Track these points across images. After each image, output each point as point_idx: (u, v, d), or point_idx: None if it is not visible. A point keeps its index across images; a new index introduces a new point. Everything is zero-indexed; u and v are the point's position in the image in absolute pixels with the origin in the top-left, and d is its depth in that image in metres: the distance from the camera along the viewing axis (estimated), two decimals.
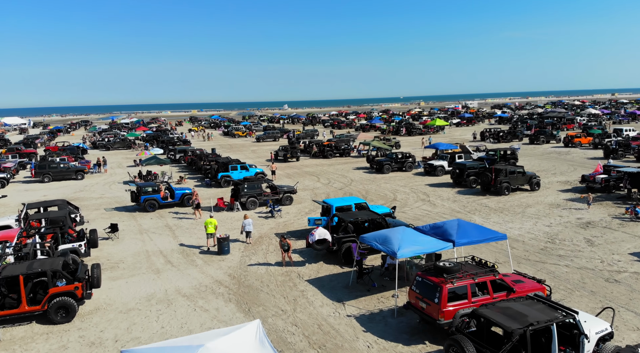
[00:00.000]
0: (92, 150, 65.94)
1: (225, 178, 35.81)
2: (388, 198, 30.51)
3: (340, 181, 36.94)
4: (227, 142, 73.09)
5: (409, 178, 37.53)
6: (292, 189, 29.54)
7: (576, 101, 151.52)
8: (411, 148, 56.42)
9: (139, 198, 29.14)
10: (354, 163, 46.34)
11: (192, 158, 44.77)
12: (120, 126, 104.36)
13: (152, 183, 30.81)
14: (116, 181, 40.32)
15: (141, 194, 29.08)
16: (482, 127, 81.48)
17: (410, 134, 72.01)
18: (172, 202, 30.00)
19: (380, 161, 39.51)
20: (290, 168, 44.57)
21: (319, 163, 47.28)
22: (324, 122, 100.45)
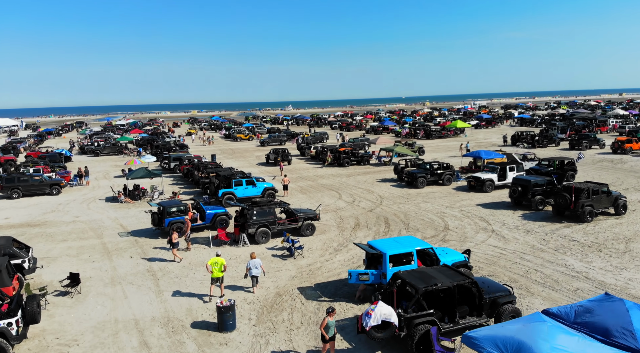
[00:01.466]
0: (80, 156, 58.97)
1: (227, 196, 28.87)
2: (437, 225, 23.56)
3: (367, 198, 29.99)
4: (228, 146, 66.11)
5: (451, 194, 30.57)
6: (313, 215, 22.58)
7: (591, 101, 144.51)
8: (437, 154, 49.47)
9: (162, 221, 23.04)
10: (376, 173, 39.38)
11: (188, 168, 37.83)
12: (116, 128, 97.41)
13: (178, 201, 24.63)
14: (97, 198, 33.36)
15: (165, 216, 22.91)
16: (503, 129, 74.65)
17: (429, 137, 65.07)
18: (203, 225, 23.92)
19: (413, 173, 32.55)
20: (302, 179, 37.60)
21: (335, 173, 40.33)
22: (331, 123, 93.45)
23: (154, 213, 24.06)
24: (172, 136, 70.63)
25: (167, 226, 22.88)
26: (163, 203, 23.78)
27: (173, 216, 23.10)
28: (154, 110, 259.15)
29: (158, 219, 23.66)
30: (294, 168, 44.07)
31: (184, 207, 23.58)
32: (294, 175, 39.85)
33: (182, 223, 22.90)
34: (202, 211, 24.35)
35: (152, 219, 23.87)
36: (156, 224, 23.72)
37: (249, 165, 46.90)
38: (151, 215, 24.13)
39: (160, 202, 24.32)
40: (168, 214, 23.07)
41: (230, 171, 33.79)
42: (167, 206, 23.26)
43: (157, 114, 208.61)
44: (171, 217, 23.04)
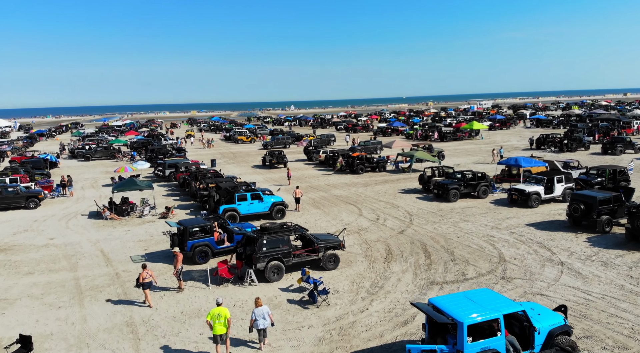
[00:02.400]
0: (70, 161, 54.33)
1: (229, 213, 24.25)
2: (489, 255, 18.97)
3: (393, 215, 25.40)
4: (229, 149, 61.47)
5: (491, 210, 25.98)
6: (336, 243, 17.99)
7: (602, 101, 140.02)
8: (457, 159, 44.88)
9: (183, 244, 19.13)
10: (395, 182, 34.79)
11: (184, 177, 33.21)
12: (111, 129, 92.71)
13: (201, 219, 20.58)
14: (80, 212, 28.76)
15: (187, 238, 18.88)
16: (519, 131, 70.13)
17: (443, 140, 60.47)
18: (230, 247, 19.76)
19: (443, 185, 27.95)
20: (313, 190, 32.99)
21: (349, 181, 35.73)
22: (335, 125, 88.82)
23: (174, 234, 19.86)
24: (169, 138, 66.02)
25: (190, 250, 18.92)
26: (184, 222, 19.72)
27: (196, 238, 19.12)
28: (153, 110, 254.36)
29: (179, 241, 19.47)
30: (301, 175, 39.48)
31: (209, 226, 19.48)
32: (303, 184, 35.25)
33: (208, 247, 19.11)
34: (229, 231, 20.09)
35: (171, 242, 19.79)
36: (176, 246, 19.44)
37: (246, 169, 42.28)
38: (170, 237, 20.00)
39: (181, 221, 20.15)
40: (190, 235, 18.95)
41: (233, 181, 29.20)
42: (189, 225, 19.13)
43: (156, 114, 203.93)
44: (194, 239, 19.05)
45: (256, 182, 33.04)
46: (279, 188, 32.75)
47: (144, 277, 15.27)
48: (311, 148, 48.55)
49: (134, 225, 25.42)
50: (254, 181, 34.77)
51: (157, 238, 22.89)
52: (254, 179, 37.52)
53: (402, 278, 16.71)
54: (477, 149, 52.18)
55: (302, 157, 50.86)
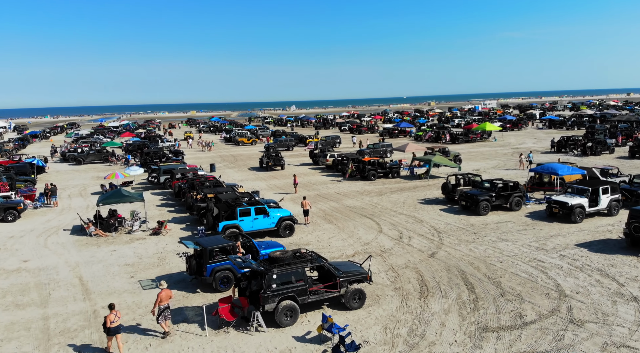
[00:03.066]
0: (60, 164, 50.98)
1: (230, 231, 20.90)
2: (545, 287, 15.61)
3: (419, 232, 22.06)
4: (229, 151, 58.10)
5: (529, 225, 22.63)
6: (361, 275, 14.65)
7: (610, 101, 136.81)
8: (474, 163, 41.55)
9: (202, 268, 16.09)
10: (412, 190, 31.45)
11: (180, 185, 29.87)
12: (107, 130, 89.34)
13: (221, 238, 17.26)
14: (62, 227, 25.43)
15: (207, 260, 15.82)
16: (531, 132, 66.86)
17: (454, 142, 57.14)
18: None
19: (472, 195, 24.61)
20: (322, 199, 29.66)
21: (362, 189, 32.40)
22: (339, 125, 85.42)
23: (190, 256, 16.68)
24: (166, 140, 62.66)
25: (210, 275, 15.82)
26: (203, 242, 16.51)
27: (217, 260, 16.01)
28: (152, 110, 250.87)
29: (197, 265, 16.32)
30: (308, 181, 36.15)
31: (232, 246, 16.38)
32: (311, 192, 31.92)
33: (230, 271, 16.06)
34: (254, 250, 17.12)
35: (187, 265, 16.63)
36: (194, 272, 16.39)
37: (247, 175, 38.92)
38: (186, 260, 16.82)
39: (200, 240, 16.91)
40: (211, 257, 15.84)
41: (234, 191, 25.84)
42: (209, 246, 15.98)
43: (154, 114, 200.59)
44: (215, 262, 15.96)
45: (259, 191, 29.69)
46: (282, 198, 29.43)
47: (111, 320, 12.03)
48: (317, 152, 45.23)
49: (122, 243, 22.07)
50: (257, 189, 31.44)
51: (146, 261, 19.55)
52: (257, 187, 34.19)
53: (445, 322, 13.38)
54: (492, 152, 48.87)
55: (306, 161, 47.53)
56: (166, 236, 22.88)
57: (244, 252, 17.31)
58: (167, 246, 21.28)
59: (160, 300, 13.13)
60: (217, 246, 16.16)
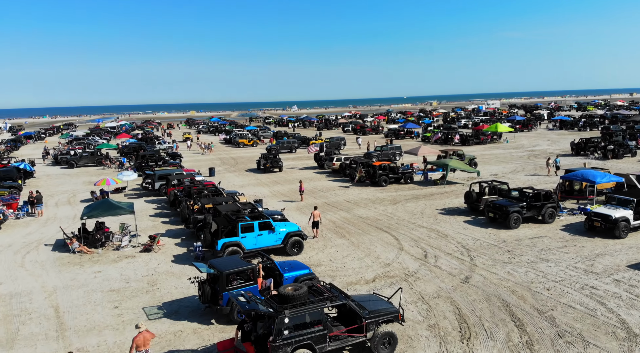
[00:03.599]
0: (52, 168, 48.28)
1: (231, 249, 18.21)
2: (607, 323, 12.92)
3: (445, 249, 19.40)
4: (229, 154, 55.41)
5: (567, 241, 19.97)
6: (391, 314, 11.96)
7: (617, 101, 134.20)
8: (490, 167, 38.87)
9: (218, 296, 13.75)
10: (429, 198, 28.77)
11: (175, 193, 27.17)
12: (104, 131, 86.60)
13: (239, 259, 14.55)
14: (44, 241, 22.75)
15: (224, 286, 13.48)
16: (542, 133, 64.23)
17: (465, 144, 54.48)
18: None
19: (502, 206, 21.93)
20: (332, 208, 26.97)
21: (373, 196, 29.72)
22: (342, 126, 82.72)
23: (204, 282, 14.16)
24: (163, 141, 59.95)
25: (227, 304, 13.33)
26: (218, 264, 13.89)
27: (235, 287, 13.52)
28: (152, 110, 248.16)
29: (211, 292, 13.81)
30: (314, 187, 33.48)
31: (252, 271, 13.88)
32: (318, 200, 29.26)
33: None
34: (277, 274, 14.68)
35: (200, 292, 14.08)
36: (208, 300, 13.84)
37: (249, 179, 36.24)
38: (199, 287, 14.25)
39: (214, 262, 14.21)
40: (228, 284, 13.42)
41: (234, 200, 23.15)
42: (226, 270, 13.41)
43: (154, 114, 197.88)
44: (232, 289, 13.43)
45: (262, 199, 27.01)
46: (284, 208, 26.75)
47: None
48: (322, 154, 42.54)
49: (108, 262, 19.39)
50: (260, 198, 28.77)
51: (134, 285, 16.88)
52: (259, 194, 31.54)
53: None
54: (507, 154, 46.21)
55: (311, 164, 44.87)
56: (158, 254, 20.20)
57: (264, 275, 14.78)
58: (159, 267, 18.60)
59: (135, 346, 10.48)
60: (235, 270, 13.54)
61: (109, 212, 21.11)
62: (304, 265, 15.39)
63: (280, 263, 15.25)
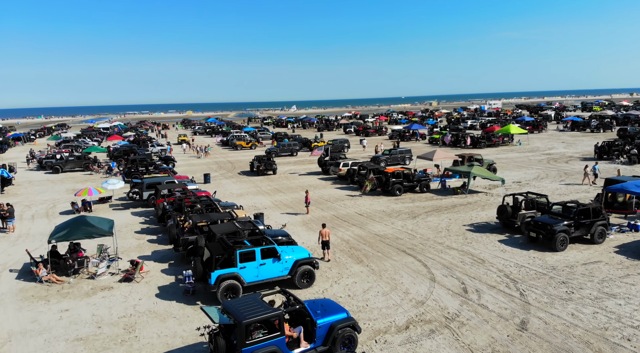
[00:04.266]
0: (36, 172, 44.73)
1: (228, 282, 14.79)
2: None
3: (486, 280, 16.05)
4: (227, 157, 51.96)
5: (627, 267, 16.59)
6: None
7: (623, 101, 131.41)
8: (509, 173, 35.57)
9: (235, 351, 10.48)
10: (452, 211, 25.42)
11: (165, 206, 23.70)
12: (97, 132, 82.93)
13: (259, 300, 11.29)
14: (10, 265, 19.27)
15: (242, 342, 10.16)
16: (553, 135, 61.04)
17: (475, 146, 51.21)
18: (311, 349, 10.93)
19: (545, 225, 18.61)
20: (342, 223, 23.59)
21: (388, 208, 26.36)
22: (344, 127, 79.30)
23: (216, 334, 10.92)
24: (156, 144, 56.41)
25: None
26: (233, 309, 10.67)
27: (257, 340, 10.25)
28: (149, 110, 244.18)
29: (226, 347, 10.48)
30: (320, 196, 30.11)
31: (277, 317, 10.58)
32: (326, 212, 25.90)
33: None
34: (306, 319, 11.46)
35: (212, 346, 10.91)
36: None
37: (256, 190, 32.86)
38: (211, 339, 11.02)
39: (228, 305, 10.90)
40: (248, 337, 10.22)
41: (232, 217, 19.72)
42: (244, 319, 10.19)
43: (150, 115, 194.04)
44: (253, 342, 10.18)
45: (263, 213, 23.60)
46: (284, 224, 23.37)
47: None
48: (327, 159, 39.15)
49: (79, 296, 15.97)
50: (261, 211, 25.38)
51: (107, 331, 13.46)
52: (259, 204, 28.18)
53: None
54: (523, 158, 42.94)
55: (314, 169, 41.51)
56: (141, 284, 16.79)
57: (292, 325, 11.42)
58: (140, 304, 15.18)
59: None
60: (257, 318, 10.18)
61: (82, 233, 17.62)
62: (338, 306, 11.97)
63: (310, 304, 11.81)
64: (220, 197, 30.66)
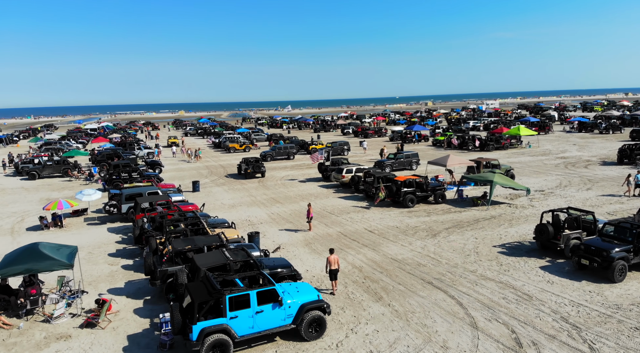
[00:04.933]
0: (12, 178, 40.94)
1: (215, 339, 11.32)
2: None
3: (541, 327, 12.67)
4: (218, 161, 48.39)
5: None
6: None
7: (624, 101, 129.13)
8: (527, 179, 32.32)
9: None
10: (474, 227, 22.07)
11: (143, 225, 20.11)
12: (83, 133, 78.97)
13: None
14: None
15: None
16: (561, 136, 58.06)
17: (483, 149, 48.01)
18: None
19: (599, 250, 15.32)
20: (351, 244, 20.19)
21: (402, 224, 22.98)
22: (342, 128, 75.88)
23: None
24: (144, 147, 52.68)
25: None
26: None
27: None
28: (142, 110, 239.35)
29: None
30: (322, 208, 26.69)
31: None
32: (331, 228, 22.49)
33: None
34: None
35: None
36: None
37: (241, 196, 29.39)
38: None
39: None
40: None
41: (221, 241, 16.16)
42: None
43: (142, 114, 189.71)
44: None
45: (259, 233, 20.11)
46: (279, 246, 19.85)
47: None
48: (328, 164, 35.74)
49: (29, 349, 12.45)
50: (256, 230, 21.93)
51: None
52: (254, 218, 24.73)
53: None
54: (538, 163, 39.77)
55: (313, 174, 38.12)
56: (106, 331, 13.29)
57: None
58: None
59: None
60: None
61: (33, 266, 14.06)
62: None
63: None
64: (210, 209, 27.15)
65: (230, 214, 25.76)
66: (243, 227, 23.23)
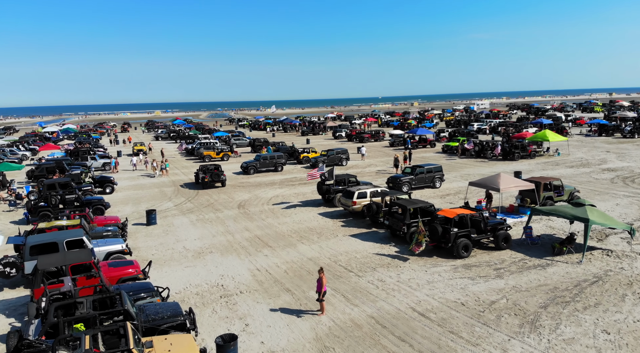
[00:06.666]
0: None
1: None
2: None
3: None
4: (189, 173, 39.07)
5: None
6: None
7: (623, 102, 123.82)
8: (600, 204, 24.17)
9: None
10: (583, 300, 13.69)
11: (47, 307, 11.07)
12: (38, 137, 68.51)
13: None
14: None
15: None
16: (580, 140, 50.59)
17: (506, 158, 39.94)
18: None
19: None
20: (398, 346, 11.62)
21: (467, 293, 14.42)
22: (333, 130, 67.07)
23: None
24: (98, 157, 42.98)
25: None
26: None
27: None
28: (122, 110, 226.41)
29: None
30: (333, 258, 17.95)
31: None
32: (357, 307, 13.82)
33: None
34: None
35: None
36: None
37: (215, 225, 20.52)
38: None
39: None
40: None
41: None
42: None
43: (116, 115, 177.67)
44: None
45: (237, 337, 11.24)
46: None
47: None
48: (331, 183, 26.99)
49: None
50: (234, 307, 13.11)
51: None
52: (230, 280, 15.82)
53: None
54: (585, 177, 31.80)
55: (309, 193, 29.43)
56: None
57: None
58: None
59: None
60: None
61: None
62: None
63: None
64: (163, 261, 18.11)
65: (193, 272, 16.83)
66: (212, 300, 14.33)
